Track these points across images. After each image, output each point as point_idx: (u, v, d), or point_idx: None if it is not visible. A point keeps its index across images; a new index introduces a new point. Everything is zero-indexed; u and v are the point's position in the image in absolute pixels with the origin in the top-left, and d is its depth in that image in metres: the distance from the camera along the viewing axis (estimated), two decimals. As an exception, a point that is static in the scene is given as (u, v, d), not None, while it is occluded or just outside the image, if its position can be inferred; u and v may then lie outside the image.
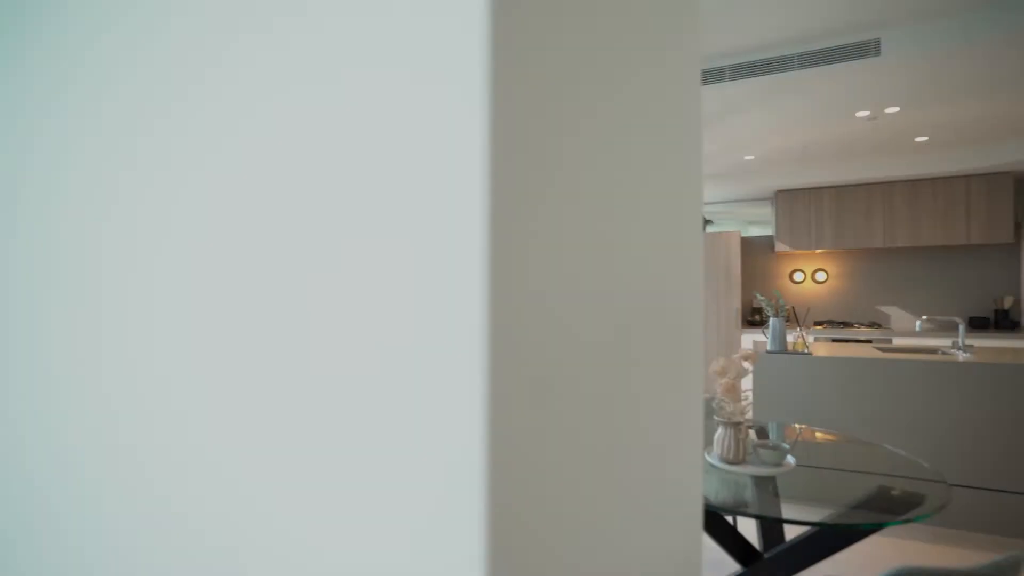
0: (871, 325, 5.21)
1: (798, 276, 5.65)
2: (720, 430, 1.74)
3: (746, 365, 1.72)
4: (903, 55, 2.58)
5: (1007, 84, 2.99)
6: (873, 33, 2.61)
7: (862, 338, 4.79)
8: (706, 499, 1.67)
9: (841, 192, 5.12)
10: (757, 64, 2.85)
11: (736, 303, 5.16)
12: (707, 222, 9.36)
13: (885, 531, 2.88)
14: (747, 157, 4.61)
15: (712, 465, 1.77)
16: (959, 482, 2.88)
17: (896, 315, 5.30)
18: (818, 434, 2.36)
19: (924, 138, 4.10)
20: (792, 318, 5.59)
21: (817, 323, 5.45)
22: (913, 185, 4.89)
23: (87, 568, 0.21)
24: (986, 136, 4.11)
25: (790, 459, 1.76)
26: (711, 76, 2.97)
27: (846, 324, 5.28)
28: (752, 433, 1.81)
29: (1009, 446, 2.80)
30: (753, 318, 5.62)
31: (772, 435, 2.52)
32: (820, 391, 3.15)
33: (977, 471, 2.86)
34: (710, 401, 2.27)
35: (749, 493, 1.67)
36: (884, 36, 2.59)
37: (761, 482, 1.69)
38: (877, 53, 2.61)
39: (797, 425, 3.08)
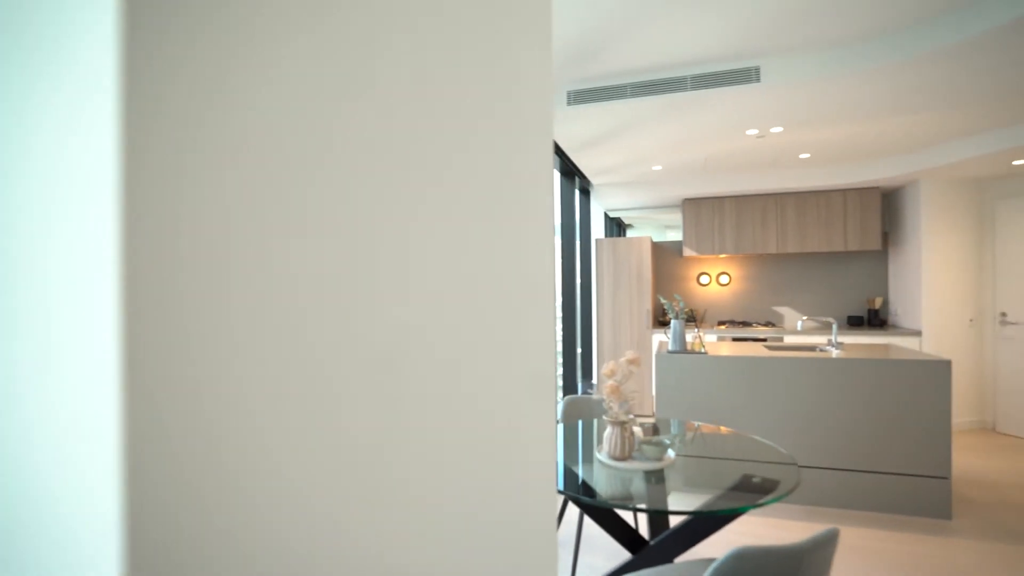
0: (767, 324, 5.66)
1: (704, 279, 6.04)
2: (608, 429, 1.86)
3: (631, 368, 1.85)
4: (780, 82, 2.85)
5: (869, 111, 3.37)
6: (754, 61, 2.86)
7: (760, 336, 5.21)
8: (596, 494, 1.78)
9: (740, 202, 5.54)
10: (655, 83, 3.04)
11: (648, 305, 5.45)
12: (626, 227, 9.77)
13: (759, 509, 3.16)
14: (655, 167, 4.88)
15: (601, 462, 1.89)
16: (831, 465, 3.22)
17: (788, 315, 5.80)
18: (705, 428, 2.56)
19: (807, 155, 4.52)
20: (692, 320, 5.98)
21: (720, 323, 5.86)
22: (801, 197, 5.37)
23: None
24: (857, 155, 4.59)
25: (670, 453, 1.91)
26: (615, 92, 3.13)
27: (745, 324, 5.71)
28: (639, 431, 1.95)
29: (872, 431, 3.16)
30: (665, 319, 5.95)
31: (673, 430, 2.70)
32: (714, 387, 3.40)
33: (846, 455, 3.20)
34: (600, 402, 2.41)
35: (634, 486, 1.80)
36: (763, 64, 2.85)
37: (645, 476, 1.83)
38: (757, 79, 2.86)
39: (694, 421, 3.31)
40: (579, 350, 6.18)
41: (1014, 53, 2.53)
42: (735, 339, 5.22)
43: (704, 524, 1.80)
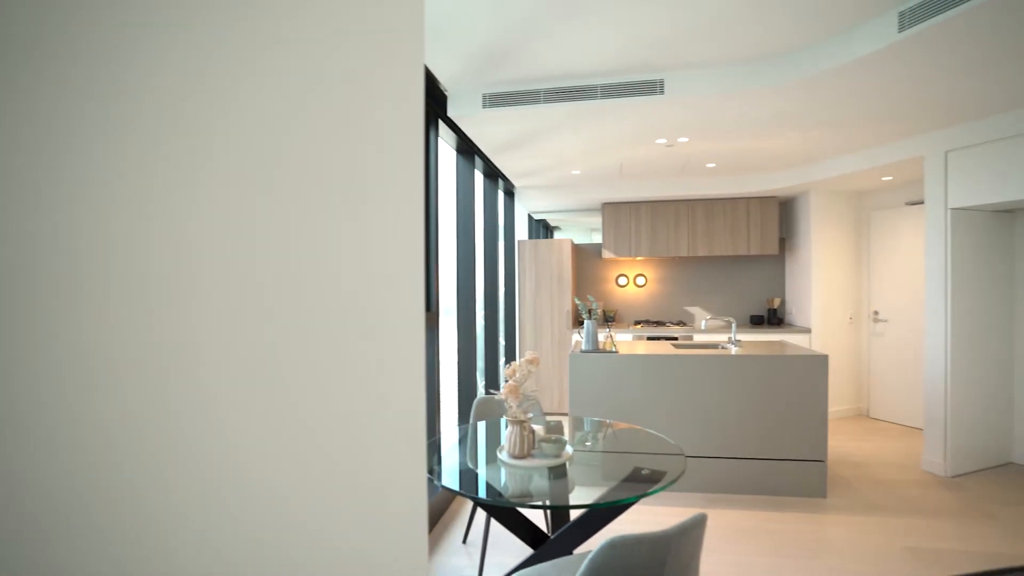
0: (679, 324, 5.99)
1: (622, 280, 6.29)
2: (508, 428, 1.90)
3: (530, 368, 1.90)
4: (682, 95, 3.02)
5: (762, 127, 3.65)
6: (659, 75, 3.03)
7: (672, 335, 5.50)
8: (497, 493, 1.82)
9: (655, 207, 5.81)
10: (568, 90, 3.14)
11: (568, 306, 5.61)
12: (554, 229, 9.97)
13: (655, 496, 3.35)
14: (574, 171, 5.03)
15: (503, 462, 1.93)
16: (727, 455, 3.46)
17: (698, 315, 6.16)
18: (617, 425, 2.68)
19: (713, 164, 4.82)
20: (611, 320, 6.22)
21: (637, 322, 6.13)
22: (709, 204, 5.72)
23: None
24: (757, 166, 4.95)
25: (569, 449, 1.99)
26: (529, 97, 3.20)
27: (659, 323, 6.00)
28: (540, 429, 2.02)
29: (761, 422, 3.43)
30: (584, 319, 6.14)
31: (587, 427, 2.80)
32: (624, 385, 3.56)
33: (739, 444, 3.45)
34: (502, 401, 2.47)
35: (534, 484, 1.86)
36: (667, 78, 3.02)
37: (544, 473, 1.89)
38: (661, 92, 3.03)
39: (603, 418, 3.45)
40: (503, 349, 6.24)
41: (875, 82, 2.83)
42: (649, 338, 5.48)
43: (599, 516, 1.89)
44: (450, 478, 1.85)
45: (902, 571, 2.52)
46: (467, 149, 4.21)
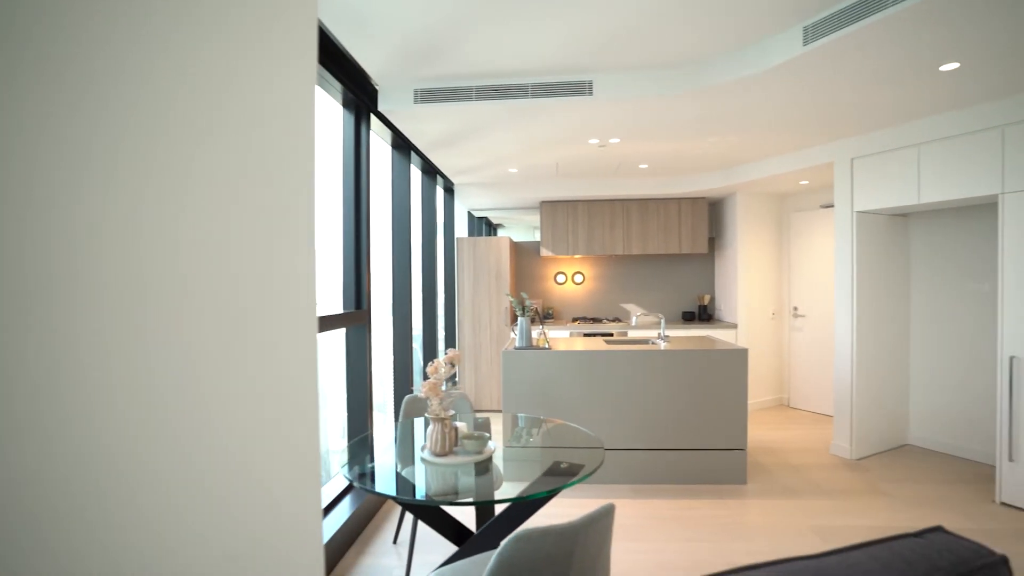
0: (614, 320, 6.15)
1: (560, 278, 6.40)
2: (430, 426, 1.90)
3: (452, 365, 1.90)
4: (610, 97, 3.10)
5: (688, 130, 3.80)
6: (588, 76, 3.09)
7: (610, 331, 5.64)
8: (419, 491, 1.81)
9: (592, 206, 5.94)
10: (499, 88, 3.16)
11: (506, 302, 5.64)
12: (497, 226, 9.99)
13: (586, 488, 3.44)
14: (511, 169, 5.06)
15: (425, 460, 1.92)
16: (653, 446, 3.59)
17: (633, 311, 6.34)
18: (547, 420, 2.72)
19: (645, 165, 4.98)
20: (549, 317, 6.32)
21: (574, 319, 6.25)
22: (643, 203, 5.90)
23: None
24: (686, 168, 5.15)
25: (491, 445, 2.00)
26: (461, 94, 3.19)
27: (596, 320, 6.15)
28: (463, 426, 2.02)
29: (686, 413, 3.57)
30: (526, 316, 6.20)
31: (520, 423, 2.83)
32: (557, 381, 3.62)
33: (666, 435, 3.58)
34: (424, 400, 2.46)
35: (455, 481, 1.86)
36: (596, 79, 3.09)
37: (466, 469, 1.90)
38: (590, 93, 3.09)
39: (535, 415, 3.49)
40: (443, 347, 6.20)
41: (785, 90, 3.00)
42: (586, 334, 5.60)
43: (521, 510, 1.91)
44: (369, 478, 1.82)
45: (805, 548, 2.70)
46: (402, 145, 4.15)
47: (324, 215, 3.45)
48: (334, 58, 2.75)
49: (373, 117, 3.41)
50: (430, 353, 5.14)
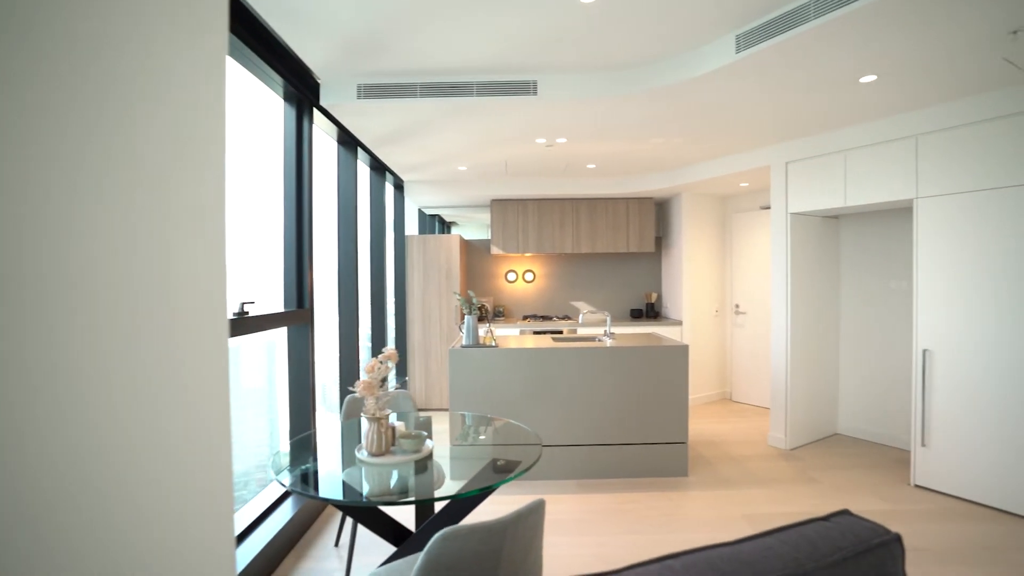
0: (564, 318, 6.23)
1: (511, 276, 6.43)
2: (367, 426, 1.87)
3: (389, 364, 1.88)
4: (554, 97, 3.13)
5: (632, 131, 3.89)
6: (533, 76, 3.11)
7: (559, 329, 5.71)
8: (357, 493, 1.78)
9: (542, 204, 5.99)
10: (444, 86, 3.14)
11: (456, 300, 5.62)
12: (450, 224, 9.93)
13: (533, 484, 3.48)
14: (461, 167, 5.04)
15: (361, 460, 1.90)
16: (598, 442, 3.66)
17: (583, 309, 6.44)
18: (491, 418, 2.73)
19: (593, 165, 5.06)
20: (487, 315, 6.34)
21: (525, 317, 6.29)
22: (592, 203, 6.00)
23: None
24: (633, 168, 5.27)
25: (429, 444, 1.99)
26: (406, 90, 3.16)
27: (546, 318, 6.21)
28: (401, 425, 2.00)
29: (629, 409, 3.66)
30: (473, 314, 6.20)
31: (467, 422, 2.82)
32: (503, 379, 3.64)
33: (610, 431, 3.66)
34: (361, 400, 2.43)
35: (392, 481, 1.84)
36: (541, 80, 3.11)
37: (403, 469, 1.88)
38: (535, 92, 3.12)
39: (468, 412, 3.50)
40: (392, 344, 6.12)
41: (721, 95, 3.12)
42: (536, 332, 5.65)
43: (458, 508, 1.91)
44: (301, 480, 1.78)
45: (736, 536, 2.82)
46: (349, 140, 4.06)
47: (266, 212, 3.35)
48: (273, 50, 2.66)
49: (317, 112, 3.33)
50: (379, 351, 5.06)
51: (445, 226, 9.48)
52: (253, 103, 3.17)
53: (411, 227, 6.72)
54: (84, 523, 0.32)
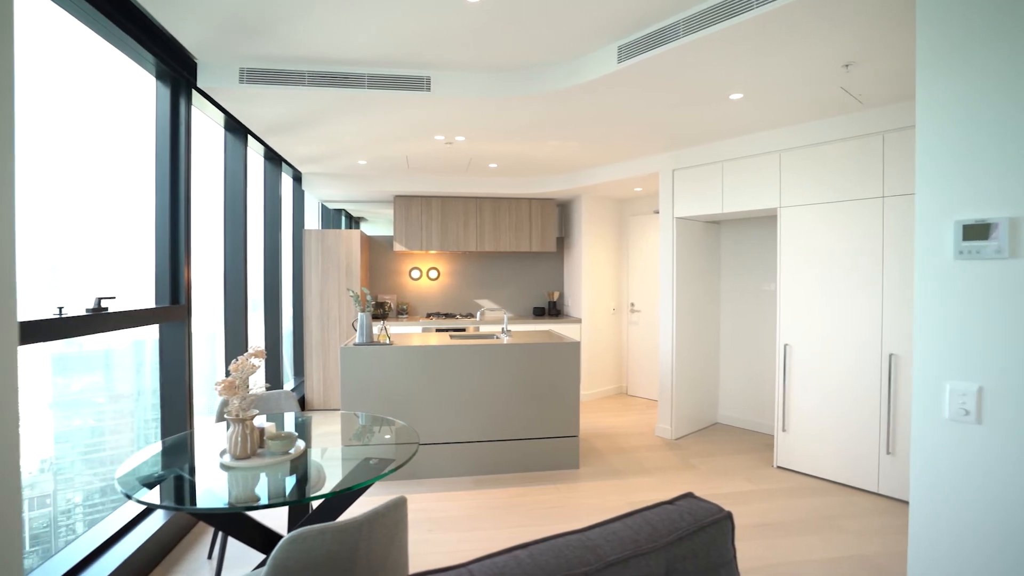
0: (468, 316, 6.25)
1: (415, 273, 6.35)
2: (230, 428, 1.77)
3: (255, 362, 1.79)
4: (447, 95, 3.13)
5: (526, 132, 3.97)
6: (426, 72, 3.09)
7: (463, 326, 5.71)
8: (211, 500, 1.67)
9: (446, 202, 5.97)
10: (333, 75, 3.03)
11: (350, 296, 5.46)
12: (359, 220, 9.62)
13: (428, 482, 3.47)
14: (360, 161, 4.90)
15: (224, 464, 1.79)
16: (492, 438, 3.70)
17: (487, 306, 6.50)
18: (381, 418, 2.67)
19: (495, 165, 5.11)
20: (404, 312, 6.25)
21: (429, 315, 6.24)
22: (495, 202, 6.07)
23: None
24: (535, 169, 5.39)
25: (300, 444, 1.92)
26: (292, 78, 3.02)
27: (450, 315, 6.20)
28: (270, 426, 1.91)
29: (524, 405, 3.74)
30: (376, 312, 6.05)
31: (361, 423, 2.72)
32: (397, 377, 3.58)
33: (504, 427, 3.72)
34: (225, 403, 2.31)
35: (257, 484, 1.75)
36: (434, 76, 3.10)
37: (271, 471, 1.80)
38: (428, 89, 3.10)
39: (360, 411, 3.42)
40: (290, 343, 5.83)
41: (607, 102, 3.26)
42: (439, 330, 5.62)
43: (336, 503, 1.86)
44: (151, 491, 1.65)
45: (621, 522, 2.97)
46: (237, 128, 3.81)
47: (134, 200, 3.06)
48: (138, 23, 2.43)
49: (198, 95, 3.09)
50: (273, 351, 4.80)
51: (352, 221, 9.17)
52: (120, 80, 2.89)
53: (312, 221, 6.44)
54: None
